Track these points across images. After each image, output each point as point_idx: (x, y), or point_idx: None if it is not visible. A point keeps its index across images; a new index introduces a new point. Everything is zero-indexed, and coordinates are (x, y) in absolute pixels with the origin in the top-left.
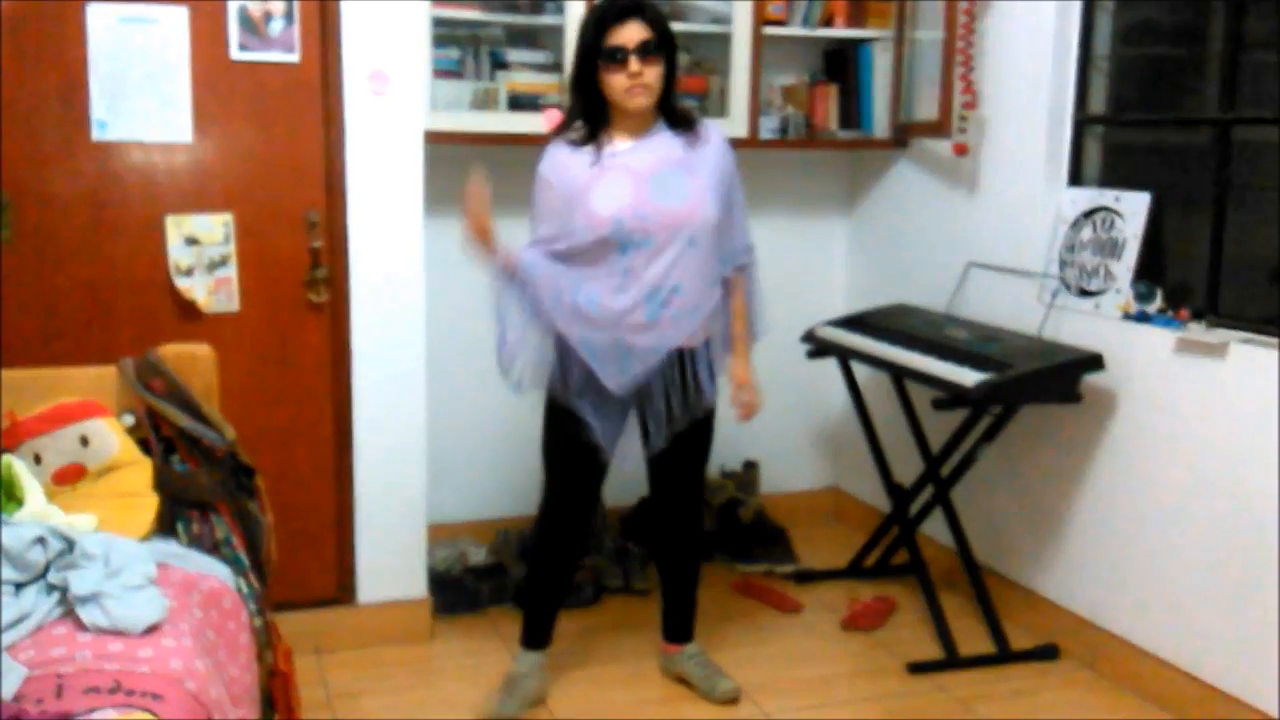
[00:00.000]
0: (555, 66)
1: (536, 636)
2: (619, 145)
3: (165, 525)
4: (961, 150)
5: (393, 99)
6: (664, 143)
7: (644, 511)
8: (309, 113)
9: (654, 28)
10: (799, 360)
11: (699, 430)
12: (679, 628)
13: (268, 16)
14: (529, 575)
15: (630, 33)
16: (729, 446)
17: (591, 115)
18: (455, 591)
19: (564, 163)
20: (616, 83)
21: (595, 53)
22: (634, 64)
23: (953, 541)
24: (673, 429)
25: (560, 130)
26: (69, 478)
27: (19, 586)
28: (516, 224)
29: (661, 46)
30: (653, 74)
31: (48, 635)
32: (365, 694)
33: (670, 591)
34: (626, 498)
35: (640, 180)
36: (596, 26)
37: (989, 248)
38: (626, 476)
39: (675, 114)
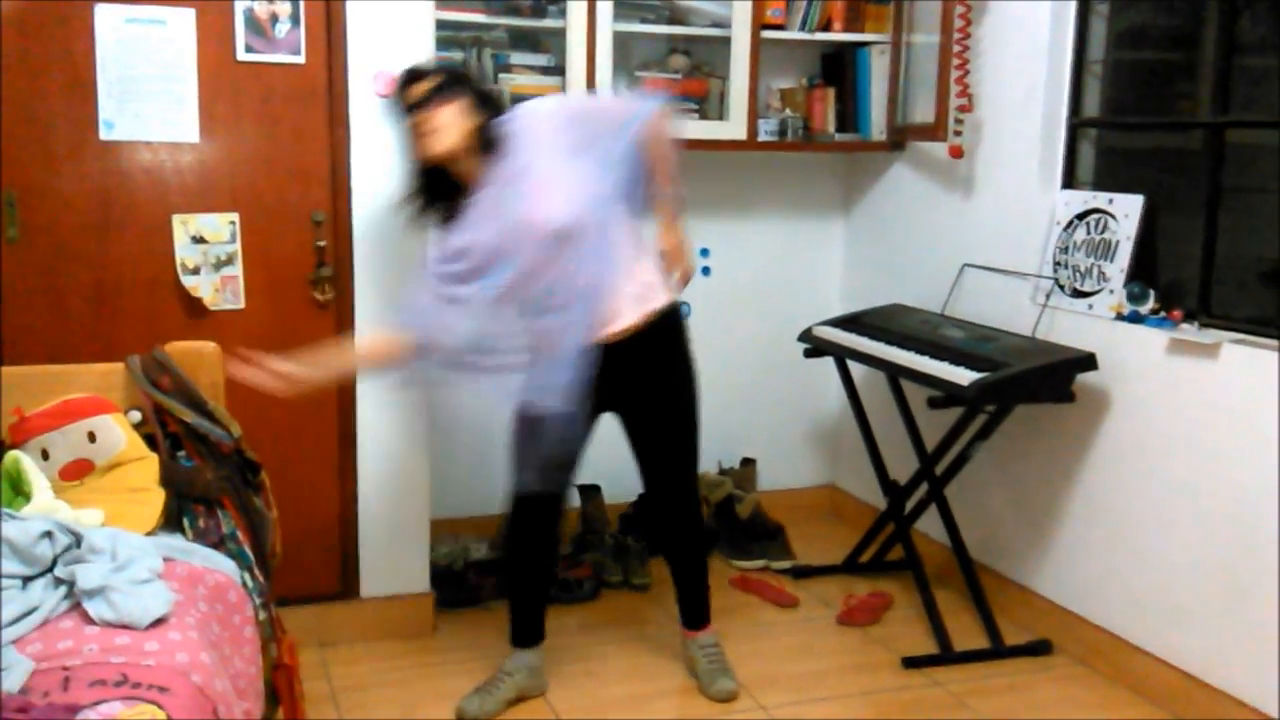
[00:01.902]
0: (557, 69)
1: (523, 634)
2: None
3: (171, 520)
4: (957, 153)
5: None
6: (494, 176)
7: (642, 508)
8: (314, 113)
9: (433, 78)
10: (796, 359)
11: (673, 418)
12: (691, 613)
13: (274, 18)
14: (506, 574)
15: (413, 92)
16: (727, 444)
17: (436, 189)
18: (457, 586)
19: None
20: (413, 138)
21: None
22: (418, 117)
23: (947, 538)
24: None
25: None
26: (76, 473)
27: (26, 580)
28: None
29: (445, 89)
30: (441, 116)
31: (55, 629)
32: (368, 687)
33: (679, 580)
34: (625, 495)
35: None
36: (399, 106)
37: (984, 249)
38: (625, 473)
39: (490, 143)
